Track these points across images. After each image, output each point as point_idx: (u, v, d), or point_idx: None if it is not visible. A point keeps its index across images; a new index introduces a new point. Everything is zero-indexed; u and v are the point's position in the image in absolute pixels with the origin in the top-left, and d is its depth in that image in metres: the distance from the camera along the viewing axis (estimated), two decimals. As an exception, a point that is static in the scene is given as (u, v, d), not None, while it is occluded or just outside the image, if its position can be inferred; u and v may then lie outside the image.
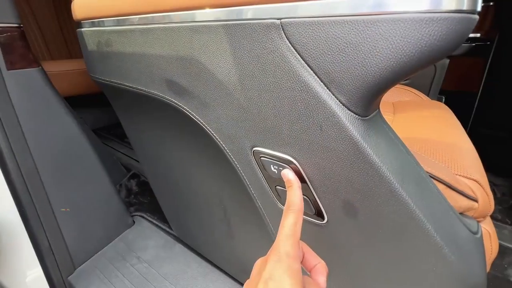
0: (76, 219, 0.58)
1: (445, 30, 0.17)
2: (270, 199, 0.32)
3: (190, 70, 0.30)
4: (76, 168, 0.59)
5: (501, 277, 0.61)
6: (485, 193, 0.32)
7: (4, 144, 0.48)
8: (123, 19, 0.36)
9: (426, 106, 0.62)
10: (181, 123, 0.37)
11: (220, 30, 0.25)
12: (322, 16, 0.20)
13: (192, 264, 0.58)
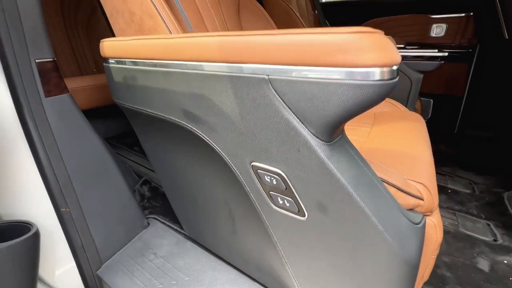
0: (102, 221, 0.67)
1: (374, 91, 0.26)
2: (266, 202, 0.41)
3: (202, 104, 0.40)
4: (100, 178, 0.68)
5: (470, 264, 0.70)
6: (429, 194, 0.41)
7: (45, 160, 0.58)
8: (147, 62, 0.45)
9: (401, 118, 0.71)
10: (193, 141, 0.46)
11: (226, 79, 0.35)
12: (296, 77, 0.29)
13: (201, 258, 0.68)
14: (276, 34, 0.30)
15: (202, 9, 0.71)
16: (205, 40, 0.36)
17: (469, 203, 0.97)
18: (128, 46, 0.48)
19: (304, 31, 0.28)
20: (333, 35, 0.26)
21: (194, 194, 0.62)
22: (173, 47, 0.40)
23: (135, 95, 0.52)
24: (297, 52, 0.28)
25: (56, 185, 0.59)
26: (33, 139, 0.57)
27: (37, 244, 0.54)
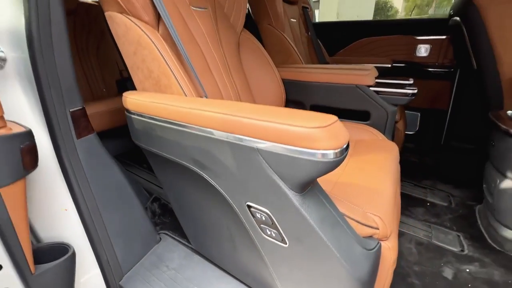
0: (122, 238, 0.79)
1: (329, 165, 0.38)
2: (258, 232, 0.53)
3: (208, 157, 0.52)
4: (120, 201, 0.80)
5: (436, 272, 0.82)
6: (384, 224, 0.52)
7: (77, 190, 0.70)
8: (164, 119, 0.57)
9: (377, 148, 0.82)
10: (200, 180, 0.58)
11: (227, 143, 0.47)
12: (277, 151, 0.41)
13: (207, 270, 0.80)
14: (264, 120, 0.41)
15: (207, 55, 0.82)
16: (211, 114, 0.47)
17: (444, 216, 1.08)
18: (148, 106, 0.60)
19: (283, 121, 0.40)
20: (302, 128, 0.38)
21: (201, 217, 0.74)
22: (186, 114, 0.52)
23: (153, 141, 0.64)
24: (278, 135, 0.40)
25: (86, 210, 0.72)
26: (68, 173, 0.69)
27: (74, 262, 0.66)
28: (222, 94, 0.83)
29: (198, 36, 0.80)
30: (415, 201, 1.18)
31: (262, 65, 1.01)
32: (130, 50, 0.66)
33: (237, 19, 0.98)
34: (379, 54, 1.76)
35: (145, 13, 0.65)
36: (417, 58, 1.68)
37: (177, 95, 0.63)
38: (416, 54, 1.68)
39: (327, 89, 1.05)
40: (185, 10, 0.78)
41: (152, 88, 0.67)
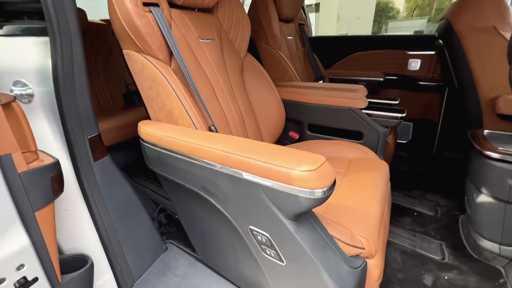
0: (132, 248, 0.88)
1: (318, 200, 0.46)
2: (259, 251, 0.61)
3: (215, 186, 0.60)
4: (130, 215, 0.89)
5: (418, 279, 0.90)
6: (369, 244, 0.60)
7: (94, 207, 0.79)
8: (175, 151, 0.65)
9: (369, 168, 0.88)
10: (208, 203, 0.66)
11: (231, 176, 0.55)
12: (275, 187, 0.49)
13: (210, 278, 0.88)
14: (265, 162, 0.49)
15: (214, 83, 0.90)
16: (217, 152, 0.55)
17: (429, 225, 1.16)
18: (161, 138, 0.68)
19: (281, 163, 0.47)
20: (297, 171, 0.45)
21: (208, 233, 0.82)
22: (194, 149, 0.60)
23: (165, 168, 0.72)
24: (276, 175, 0.47)
25: (102, 224, 0.81)
26: (86, 193, 0.78)
27: (92, 272, 0.75)
28: (227, 118, 0.92)
29: (206, 66, 0.89)
30: (403, 210, 1.26)
31: (263, 87, 1.10)
32: (145, 85, 0.75)
33: (241, 44, 1.07)
34: (372, 68, 1.84)
35: (159, 52, 0.74)
36: (409, 72, 1.76)
37: (187, 128, 0.71)
38: (407, 68, 1.76)
39: (324, 110, 1.13)
40: (194, 43, 0.87)
41: (165, 119, 0.76)
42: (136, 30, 0.70)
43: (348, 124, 1.09)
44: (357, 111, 1.06)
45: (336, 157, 0.99)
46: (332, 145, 1.06)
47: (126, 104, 1.93)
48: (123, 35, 0.72)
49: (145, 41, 0.71)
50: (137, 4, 0.69)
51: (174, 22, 0.82)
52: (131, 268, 0.87)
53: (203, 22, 0.92)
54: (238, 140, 0.59)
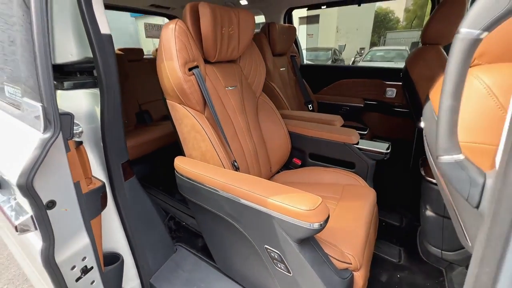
0: (151, 249, 1.12)
1: (315, 230, 0.65)
2: (272, 264, 0.82)
3: (238, 213, 0.79)
4: (149, 221, 1.14)
5: (377, 278, 1.14)
6: (355, 260, 0.76)
7: (124, 216, 1.03)
8: (206, 185, 0.85)
9: (359, 195, 1.06)
10: (231, 225, 0.83)
11: (251, 209, 0.75)
12: (284, 219, 0.68)
13: (211, 274, 1.12)
14: (277, 201, 0.67)
15: (235, 123, 1.10)
16: (242, 190, 0.74)
17: (393, 234, 1.40)
18: (196, 175, 0.89)
19: (289, 203, 0.66)
20: (301, 210, 0.63)
21: (228, 247, 1.02)
22: (225, 186, 0.79)
23: (196, 196, 0.92)
24: (286, 211, 0.66)
25: (129, 230, 1.05)
26: (119, 205, 1.02)
27: (122, 265, 0.99)
28: (244, 152, 1.13)
29: (230, 110, 1.10)
30: (379, 222, 1.50)
31: (274, 122, 1.31)
32: (184, 130, 0.96)
33: (257, 86, 1.29)
34: (354, 94, 2.10)
35: (197, 104, 0.95)
36: (386, 99, 2.02)
37: (217, 167, 0.91)
38: (385, 95, 2.02)
39: (323, 143, 1.33)
40: (222, 91, 1.08)
41: (198, 157, 0.96)
42: (182, 91, 0.90)
43: (342, 156, 1.29)
44: (350, 145, 1.25)
45: (332, 183, 1.19)
46: (329, 173, 1.25)
47: (138, 121, 2.19)
48: (171, 92, 0.93)
49: (188, 98, 0.92)
50: (185, 72, 0.89)
51: (208, 76, 1.03)
52: (150, 264, 1.11)
53: (229, 72, 1.13)
54: (258, 180, 0.78)
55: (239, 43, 1.08)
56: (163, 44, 0.90)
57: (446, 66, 0.37)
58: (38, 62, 0.56)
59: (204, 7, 0.92)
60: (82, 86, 1.00)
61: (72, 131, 0.72)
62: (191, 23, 0.96)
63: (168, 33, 0.89)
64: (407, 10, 22.98)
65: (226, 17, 0.98)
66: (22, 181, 0.54)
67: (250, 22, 1.11)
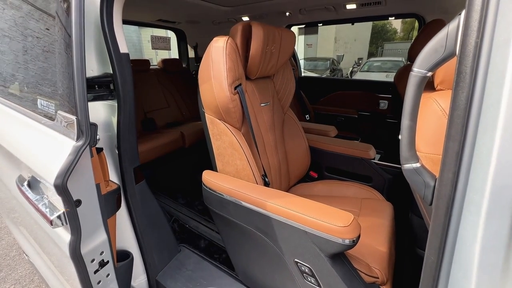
0: (158, 248, 1.21)
1: (348, 246, 0.68)
2: (301, 278, 0.82)
3: (269, 228, 0.81)
4: (156, 222, 1.23)
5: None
6: (382, 275, 0.80)
7: (135, 216, 1.12)
8: (238, 200, 0.87)
9: (378, 209, 1.09)
10: (259, 238, 0.85)
11: (284, 224, 0.77)
12: (317, 234, 0.71)
13: (214, 273, 1.20)
14: (311, 217, 0.69)
15: (265, 138, 1.14)
16: (275, 206, 0.76)
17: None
18: (227, 190, 0.91)
19: (323, 219, 0.68)
20: (335, 226, 0.66)
21: (253, 259, 1.02)
22: (257, 202, 0.81)
23: (224, 209, 0.94)
24: (320, 227, 0.69)
25: (139, 229, 1.14)
26: (130, 206, 1.12)
27: (132, 262, 1.07)
28: (270, 166, 1.18)
29: (262, 126, 1.13)
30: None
31: (297, 137, 1.35)
32: (221, 145, 0.97)
33: (286, 102, 1.33)
34: (349, 105, 2.22)
35: (237, 122, 0.95)
36: (379, 110, 2.14)
37: (249, 183, 0.91)
38: (378, 107, 2.14)
39: (340, 157, 1.37)
40: (257, 108, 1.12)
41: (231, 173, 0.97)
42: (227, 110, 0.90)
43: (359, 170, 1.32)
44: (367, 160, 1.29)
45: (350, 197, 1.21)
46: (347, 186, 1.27)
47: (143, 128, 2.29)
48: (213, 108, 0.92)
49: (230, 116, 0.92)
50: (231, 91, 0.88)
51: (247, 93, 1.05)
52: (156, 262, 1.19)
53: (264, 88, 1.16)
54: (290, 197, 0.80)
55: (278, 60, 1.10)
56: (212, 62, 0.88)
57: (405, 94, 0.48)
58: (75, 80, 0.67)
59: (258, 27, 0.93)
60: (101, 98, 1.11)
61: (96, 139, 0.82)
62: (241, 41, 0.97)
63: (218, 51, 0.87)
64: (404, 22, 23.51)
65: (271, 36, 0.99)
66: (58, 181, 0.64)
67: (291, 41, 1.13)
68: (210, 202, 1.00)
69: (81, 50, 0.66)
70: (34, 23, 0.86)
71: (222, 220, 1.02)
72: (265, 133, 1.16)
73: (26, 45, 0.90)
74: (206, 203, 1.03)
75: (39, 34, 0.84)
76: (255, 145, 1.02)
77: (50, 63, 0.79)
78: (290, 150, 1.32)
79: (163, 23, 2.48)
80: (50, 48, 0.78)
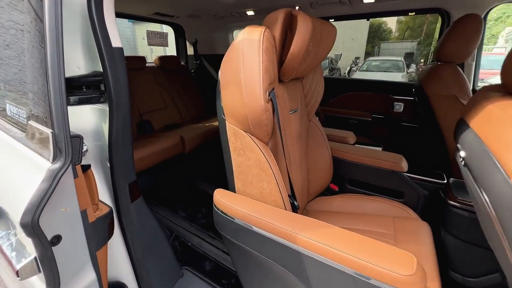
0: (157, 275, 1.04)
1: None
2: None
3: (300, 264, 0.65)
4: (155, 244, 1.06)
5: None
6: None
7: (130, 241, 0.95)
8: (260, 229, 0.70)
9: (415, 231, 0.95)
10: (285, 274, 0.69)
11: (323, 264, 0.60)
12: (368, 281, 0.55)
13: (221, 301, 1.04)
14: (363, 260, 0.54)
15: (291, 149, 0.96)
16: (311, 242, 0.60)
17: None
18: (247, 217, 0.72)
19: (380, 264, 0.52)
20: (398, 275, 0.51)
21: (264, 283, 0.87)
22: (286, 234, 0.64)
23: (240, 237, 0.78)
24: (375, 273, 0.53)
25: (135, 256, 0.97)
26: (124, 229, 0.95)
27: (128, 296, 0.91)
28: (293, 179, 0.99)
29: (289, 137, 0.96)
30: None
31: (321, 147, 1.19)
32: (245, 163, 0.76)
33: (312, 108, 1.17)
34: (361, 107, 2.08)
35: (266, 135, 0.74)
36: (394, 113, 2.00)
37: (274, 208, 0.74)
38: (392, 109, 2.00)
39: (366, 169, 1.22)
40: (286, 117, 0.94)
41: (254, 196, 0.78)
42: (258, 122, 0.70)
43: (389, 184, 1.17)
44: (399, 173, 1.14)
45: (380, 215, 1.06)
46: (374, 202, 1.12)
47: (139, 132, 2.11)
48: (239, 118, 0.72)
49: (260, 129, 0.71)
50: (266, 98, 0.67)
51: (278, 99, 0.84)
52: (156, 291, 1.03)
53: (294, 93, 0.99)
54: (329, 228, 0.64)
55: (314, 60, 0.92)
56: (243, 59, 0.66)
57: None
58: (50, 81, 0.50)
59: (305, 19, 0.72)
60: (88, 101, 0.93)
61: (81, 155, 0.65)
62: (280, 34, 0.75)
63: (252, 46, 0.64)
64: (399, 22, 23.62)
65: (315, 30, 0.79)
66: (27, 219, 0.47)
67: (332, 37, 0.94)
68: (223, 228, 0.84)
69: (57, 39, 0.49)
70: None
71: (238, 250, 0.85)
72: (292, 146, 0.98)
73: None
74: (218, 228, 0.87)
75: (7, 25, 0.66)
76: (284, 158, 0.84)
77: (20, 58, 0.61)
78: (312, 162, 1.16)
79: (160, 16, 2.29)
80: (20, 40, 0.60)
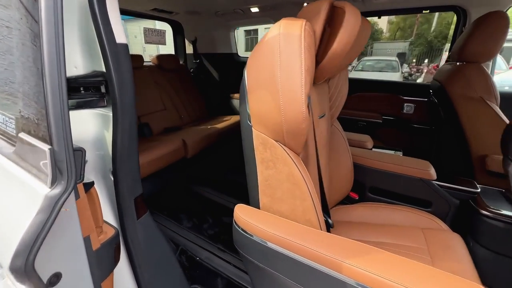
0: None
1: None
2: None
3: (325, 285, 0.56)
4: (165, 265, 0.95)
5: None
6: None
7: (136, 262, 0.84)
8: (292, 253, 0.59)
9: (448, 245, 0.86)
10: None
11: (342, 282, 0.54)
12: None
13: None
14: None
15: (320, 156, 0.84)
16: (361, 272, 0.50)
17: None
18: (276, 238, 0.62)
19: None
20: None
21: None
22: (327, 261, 0.54)
23: (267, 261, 0.67)
24: None
25: (143, 281, 0.86)
26: (130, 250, 0.83)
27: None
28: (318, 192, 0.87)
29: (319, 143, 0.86)
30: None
31: (342, 153, 1.11)
32: (275, 176, 0.66)
33: (336, 110, 1.09)
34: (370, 108, 2.01)
35: (301, 146, 0.65)
36: (404, 115, 1.94)
37: (307, 227, 0.65)
38: (403, 111, 1.94)
39: (390, 176, 1.13)
40: (316, 121, 0.83)
41: (284, 214, 0.68)
42: (295, 130, 0.60)
43: (416, 193, 1.09)
44: (428, 181, 1.07)
45: (408, 226, 0.98)
46: (400, 212, 1.04)
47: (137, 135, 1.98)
48: (272, 126, 0.62)
49: (296, 139, 0.62)
50: (307, 103, 0.58)
51: (309, 104, 0.74)
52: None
53: (322, 95, 0.91)
54: (379, 254, 0.56)
55: (346, 59, 0.81)
56: (280, 57, 0.54)
57: None
58: (47, 82, 0.39)
59: (354, 12, 0.64)
60: (87, 105, 0.82)
61: (83, 172, 0.54)
62: (320, 29, 0.66)
63: (293, 42, 0.53)
64: (390, 22, 23.96)
65: None
66: (19, 264, 0.36)
67: (366, 34, 0.84)
68: (245, 248, 0.74)
69: (56, 34, 0.38)
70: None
71: (261, 271, 0.74)
72: (321, 155, 0.88)
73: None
74: (238, 248, 0.76)
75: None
76: (319, 175, 0.75)
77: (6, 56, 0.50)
78: (334, 170, 1.08)
79: (158, 13, 2.16)
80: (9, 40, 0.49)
